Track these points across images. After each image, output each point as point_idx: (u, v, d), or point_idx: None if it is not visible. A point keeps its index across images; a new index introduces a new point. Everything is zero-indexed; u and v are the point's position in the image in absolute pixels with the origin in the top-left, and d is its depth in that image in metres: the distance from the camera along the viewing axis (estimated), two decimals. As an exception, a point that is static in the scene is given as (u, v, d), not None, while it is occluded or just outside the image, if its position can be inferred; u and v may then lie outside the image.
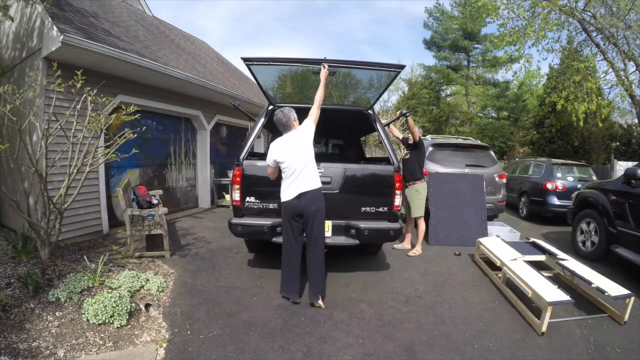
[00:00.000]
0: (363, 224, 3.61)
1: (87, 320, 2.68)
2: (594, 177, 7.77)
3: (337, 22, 51.47)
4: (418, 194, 4.83)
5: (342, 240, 3.66)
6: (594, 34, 10.10)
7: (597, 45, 10.20)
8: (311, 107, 3.30)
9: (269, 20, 54.09)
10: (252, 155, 4.17)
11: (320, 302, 3.15)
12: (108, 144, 3.55)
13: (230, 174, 3.83)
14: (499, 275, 3.80)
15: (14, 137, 3.16)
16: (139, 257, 4.23)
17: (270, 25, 54.37)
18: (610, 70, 10.27)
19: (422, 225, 4.92)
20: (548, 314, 2.78)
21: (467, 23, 22.31)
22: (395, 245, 5.06)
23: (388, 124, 5.36)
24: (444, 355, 2.53)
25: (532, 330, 2.91)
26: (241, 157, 3.69)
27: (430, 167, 6.18)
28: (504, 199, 6.58)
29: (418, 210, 4.85)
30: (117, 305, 2.75)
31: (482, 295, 3.61)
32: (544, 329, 2.80)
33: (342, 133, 6.25)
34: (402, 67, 3.35)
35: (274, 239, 3.56)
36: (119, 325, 2.69)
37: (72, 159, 3.29)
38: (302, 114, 4.49)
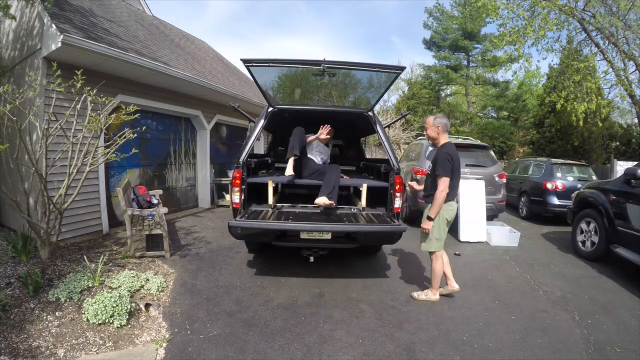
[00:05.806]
0: (363, 227, 3.53)
1: (87, 320, 2.69)
2: (594, 177, 7.76)
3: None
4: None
5: (341, 242, 3.61)
6: (594, 33, 10.11)
7: (597, 45, 10.21)
8: (311, 109, 3.64)
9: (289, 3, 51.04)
10: (252, 156, 4.15)
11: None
12: (108, 143, 3.55)
13: (230, 174, 3.82)
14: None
15: (14, 137, 3.15)
16: (139, 257, 4.24)
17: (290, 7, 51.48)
18: (610, 70, 10.30)
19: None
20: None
21: (467, 23, 22.29)
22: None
23: (388, 126, 5.37)
24: (444, 355, 2.53)
25: (532, 330, 2.91)
26: (241, 159, 3.67)
27: (430, 167, 6.18)
28: (504, 198, 6.58)
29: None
30: (117, 305, 2.75)
31: (482, 295, 3.61)
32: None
33: (342, 134, 6.25)
34: (402, 68, 3.35)
35: (275, 242, 3.48)
36: (119, 325, 2.69)
37: (72, 159, 3.29)
38: (302, 115, 4.51)
